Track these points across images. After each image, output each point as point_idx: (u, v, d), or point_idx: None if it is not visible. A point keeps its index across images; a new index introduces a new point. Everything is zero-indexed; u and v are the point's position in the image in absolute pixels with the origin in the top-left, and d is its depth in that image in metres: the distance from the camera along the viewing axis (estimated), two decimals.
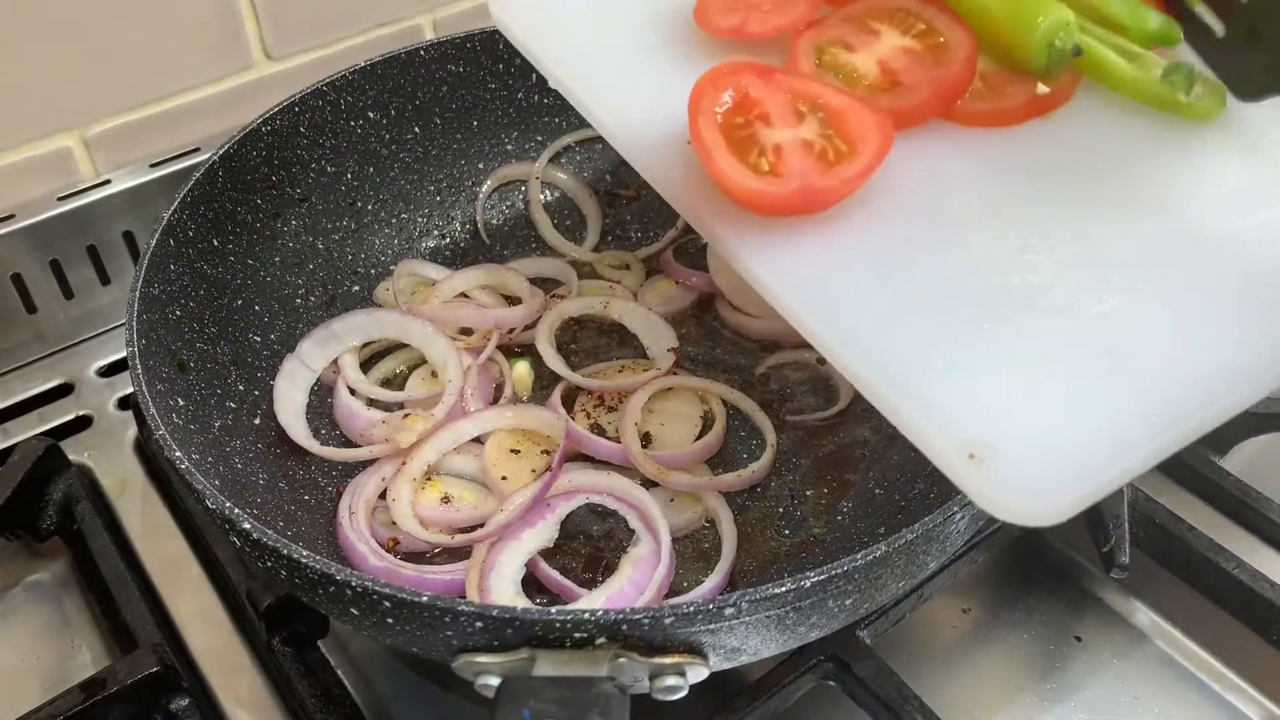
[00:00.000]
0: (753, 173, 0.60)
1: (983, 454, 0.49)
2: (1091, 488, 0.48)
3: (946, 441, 0.50)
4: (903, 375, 0.53)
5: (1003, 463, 0.49)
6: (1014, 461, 0.49)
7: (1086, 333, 0.54)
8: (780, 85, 0.63)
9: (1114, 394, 0.51)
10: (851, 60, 0.66)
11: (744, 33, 0.69)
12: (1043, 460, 0.49)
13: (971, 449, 0.49)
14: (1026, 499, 0.48)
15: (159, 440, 0.63)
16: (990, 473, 0.49)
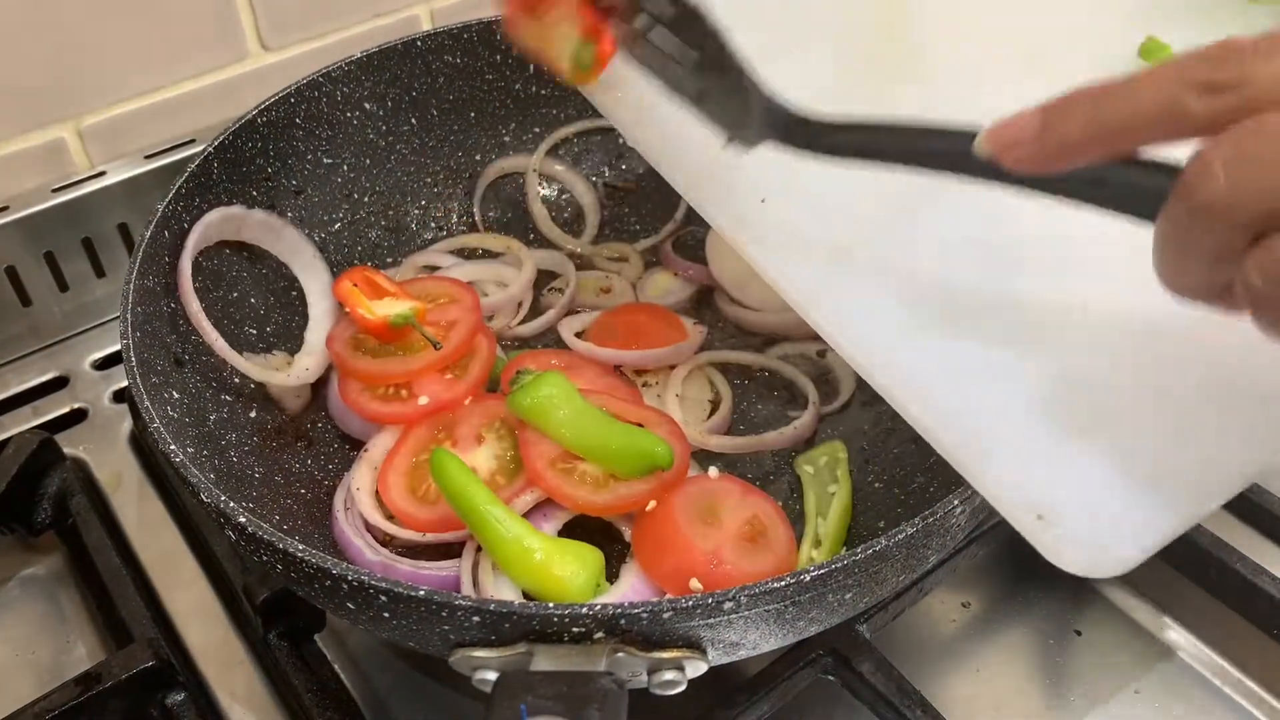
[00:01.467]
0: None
1: (1049, 515, 0.51)
2: (1156, 537, 0.50)
3: (1013, 505, 0.52)
4: (967, 432, 0.55)
5: (1069, 521, 0.51)
6: (1083, 518, 0.51)
7: (1138, 384, 0.55)
8: None
9: (1166, 445, 0.53)
10: None
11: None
12: (1109, 516, 0.51)
13: (1039, 511, 0.51)
14: (1096, 554, 0.50)
15: (153, 434, 0.63)
16: (1058, 530, 0.51)
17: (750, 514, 0.71)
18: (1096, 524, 0.51)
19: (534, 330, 0.89)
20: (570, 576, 0.64)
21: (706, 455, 0.80)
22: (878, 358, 0.59)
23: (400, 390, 0.79)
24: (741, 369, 0.86)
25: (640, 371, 0.85)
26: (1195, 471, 0.52)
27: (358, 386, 0.80)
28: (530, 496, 0.71)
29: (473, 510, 0.65)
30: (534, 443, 0.72)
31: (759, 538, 0.70)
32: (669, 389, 0.82)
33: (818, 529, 0.73)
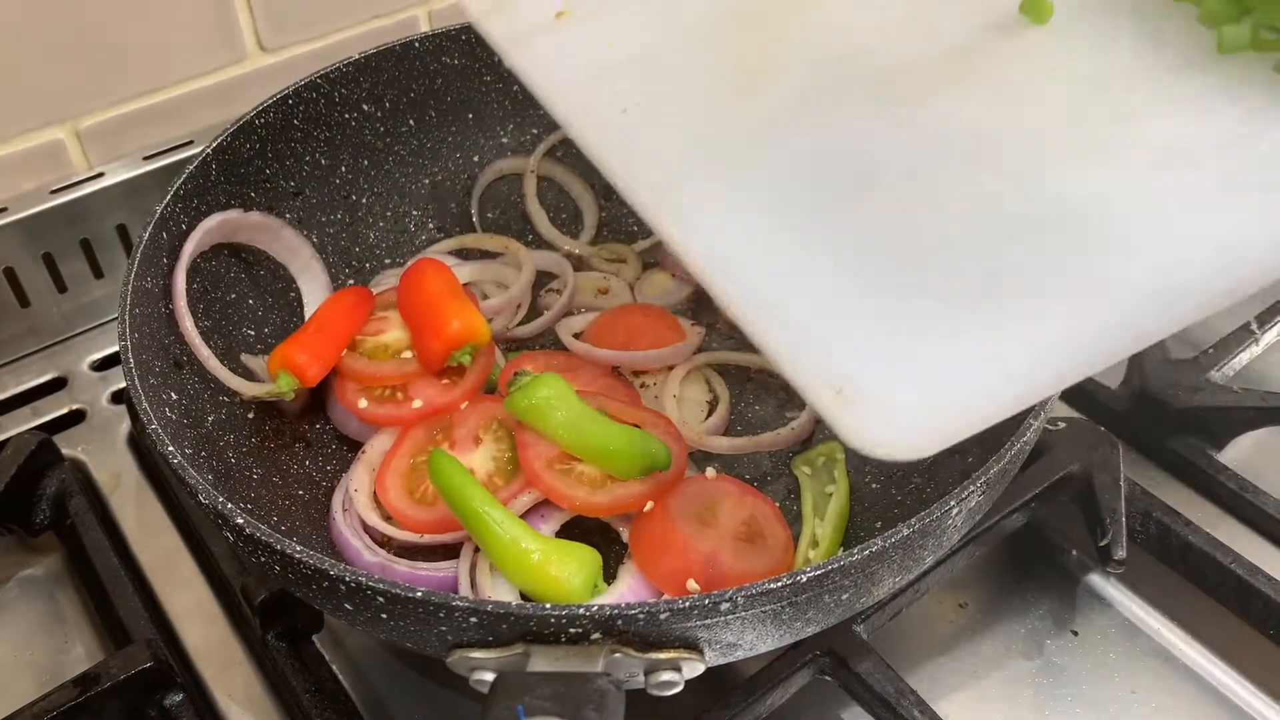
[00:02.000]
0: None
1: (849, 389, 0.50)
2: (957, 426, 0.49)
3: (814, 375, 0.51)
4: (772, 304, 0.54)
5: (867, 398, 0.49)
6: (879, 397, 0.49)
7: (968, 288, 0.54)
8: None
9: (984, 341, 0.52)
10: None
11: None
12: (909, 398, 0.50)
13: (838, 384, 0.50)
14: (885, 435, 0.48)
15: (152, 435, 0.63)
16: (855, 407, 0.49)
17: (747, 515, 0.71)
18: (902, 401, 0.49)
19: (532, 331, 0.90)
20: (568, 577, 0.64)
21: (704, 456, 0.80)
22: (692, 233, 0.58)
23: (396, 392, 0.79)
24: (739, 370, 0.87)
25: (638, 372, 0.85)
26: (1011, 360, 0.51)
27: (354, 388, 0.80)
28: (528, 498, 0.72)
29: (470, 511, 0.65)
30: (531, 444, 0.72)
31: (756, 538, 0.70)
32: (667, 390, 0.83)
33: (815, 529, 0.74)
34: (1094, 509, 0.76)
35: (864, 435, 0.48)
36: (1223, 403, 0.83)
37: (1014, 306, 0.53)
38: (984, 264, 0.55)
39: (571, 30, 0.70)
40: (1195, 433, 0.84)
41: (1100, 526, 0.75)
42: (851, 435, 0.49)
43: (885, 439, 0.48)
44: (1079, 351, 0.52)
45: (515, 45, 0.70)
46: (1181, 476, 0.83)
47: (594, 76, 0.67)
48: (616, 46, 0.69)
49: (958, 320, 0.53)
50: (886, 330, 0.53)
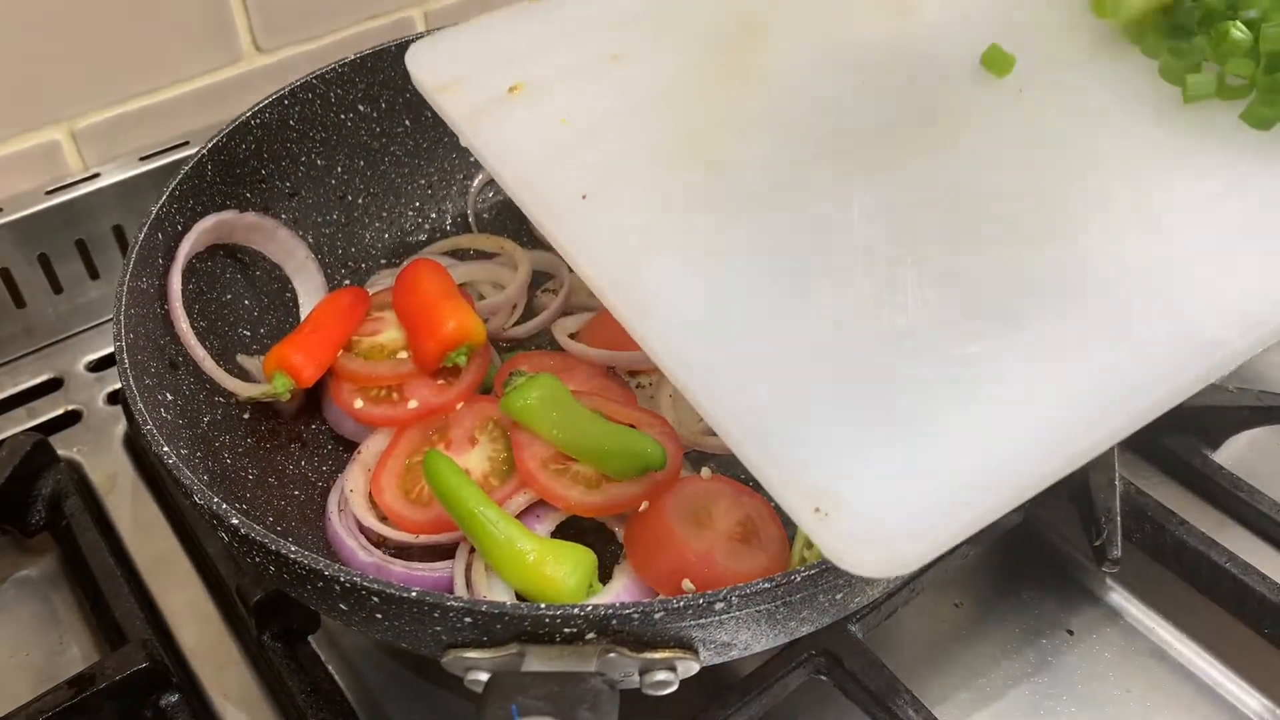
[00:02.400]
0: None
1: (829, 508, 0.48)
2: (940, 540, 0.47)
3: (794, 494, 0.49)
4: (751, 421, 0.52)
5: (848, 517, 0.47)
6: (858, 516, 0.47)
7: (945, 378, 0.53)
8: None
9: (965, 443, 0.50)
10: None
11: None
12: (890, 514, 0.48)
13: (818, 503, 0.48)
14: (873, 554, 0.47)
15: (147, 435, 0.63)
16: (835, 527, 0.47)
17: (743, 514, 0.71)
18: (883, 518, 0.47)
19: (528, 331, 0.90)
20: (563, 577, 0.64)
21: (700, 456, 0.80)
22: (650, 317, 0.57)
23: (391, 393, 0.79)
24: None
25: (634, 372, 0.85)
26: (995, 466, 0.49)
27: (349, 389, 0.80)
28: (523, 498, 0.72)
29: (465, 512, 0.65)
30: (527, 444, 0.72)
31: (751, 538, 0.70)
32: (662, 390, 0.82)
33: None
34: (1089, 508, 0.76)
35: (847, 556, 0.47)
36: (1218, 402, 0.83)
37: (996, 395, 0.52)
38: (962, 349, 0.54)
39: (525, 106, 0.69)
40: (1190, 432, 0.84)
41: (1095, 525, 0.75)
42: (834, 556, 0.47)
43: (869, 560, 0.47)
44: (1069, 440, 0.50)
45: (471, 123, 0.69)
46: (1177, 476, 0.83)
47: (551, 158, 0.66)
48: (571, 122, 0.68)
49: (938, 417, 0.51)
50: (866, 438, 0.51)
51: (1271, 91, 0.62)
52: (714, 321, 0.56)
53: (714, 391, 0.53)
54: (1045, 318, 0.55)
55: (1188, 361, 0.53)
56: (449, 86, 0.71)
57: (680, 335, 0.56)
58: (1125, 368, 0.53)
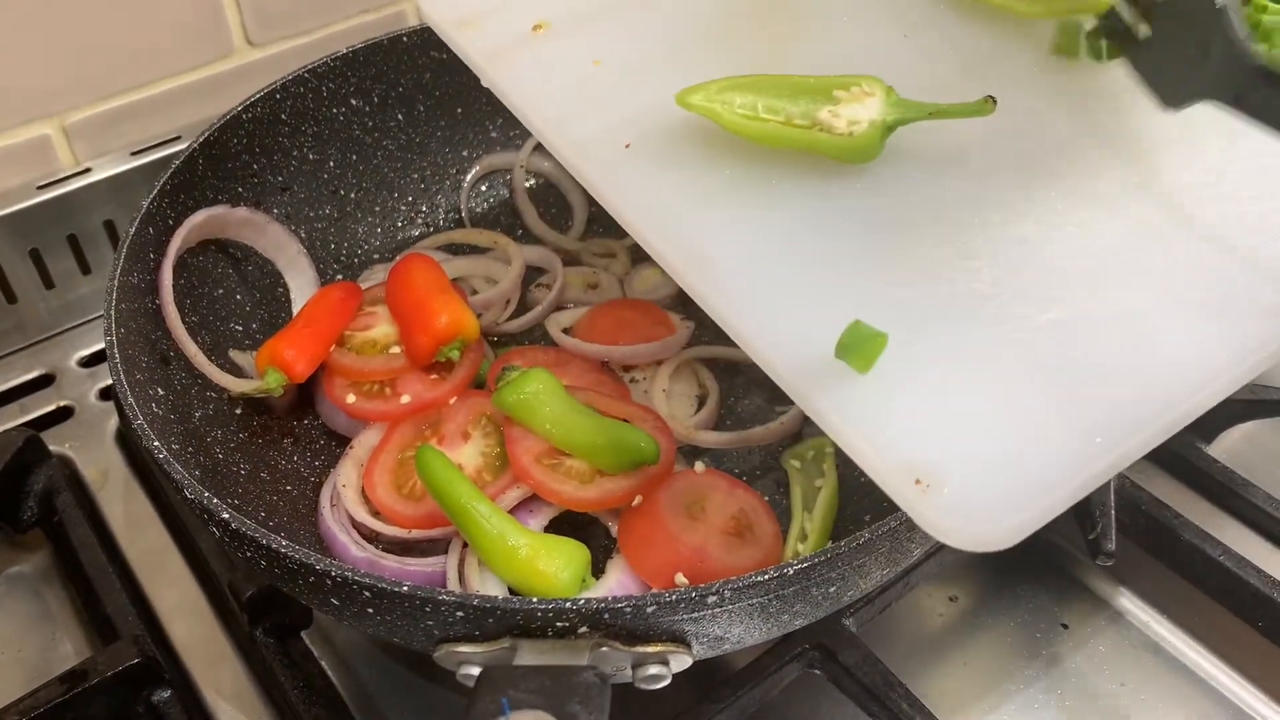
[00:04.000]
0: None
1: (929, 479, 0.47)
2: (1039, 511, 0.47)
3: (891, 468, 0.48)
4: (844, 395, 0.50)
5: (950, 489, 0.46)
6: (961, 487, 0.47)
7: (1030, 345, 0.51)
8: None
9: (1059, 412, 0.49)
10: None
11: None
12: (989, 485, 0.47)
13: (918, 475, 0.47)
14: (975, 526, 0.46)
15: (137, 430, 0.63)
16: (937, 500, 0.46)
17: (736, 509, 0.71)
18: (985, 490, 0.46)
19: (521, 326, 0.89)
20: (555, 572, 0.64)
21: (693, 450, 0.80)
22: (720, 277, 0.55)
23: (384, 388, 0.79)
24: (728, 364, 0.86)
25: (627, 367, 0.85)
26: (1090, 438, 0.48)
27: (342, 383, 0.80)
28: (516, 493, 0.71)
29: (457, 506, 0.65)
30: (520, 439, 0.72)
31: (745, 532, 0.70)
32: (656, 384, 0.82)
33: (804, 523, 0.73)
34: (1084, 502, 0.75)
35: (951, 530, 0.46)
36: None
37: (1083, 362, 0.51)
38: (1043, 315, 0.52)
39: (553, 46, 0.66)
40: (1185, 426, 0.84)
41: (1090, 520, 0.74)
42: (937, 530, 0.46)
43: (973, 532, 0.46)
44: (1166, 408, 0.50)
45: (492, 63, 0.65)
46: (1171, 469, 0.83)
47: (589, 103, 0.62)
48: (604, 64, 0.64)
49: (1033, 400, 0.50)
50: (963, 408, 0.49)
51: None
52: (785, 281, 0.54)
53: (792, 359, 0.51)
54: (1129, 287, 0.53)
55: (1260, 340, 0.52)
56: (467, 22, 0.67)
57: (750, 296, 0.53)
58: (1214, 340, 0.51)
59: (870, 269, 0.55)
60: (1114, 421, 0.49)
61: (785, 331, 0.52)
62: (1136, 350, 0.51)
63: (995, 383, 0.50)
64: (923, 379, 0.50)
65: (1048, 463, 0.48)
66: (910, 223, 0.56)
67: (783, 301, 0.53)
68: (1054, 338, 0.52)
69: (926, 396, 0.50)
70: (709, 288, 0.54)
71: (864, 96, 0.55)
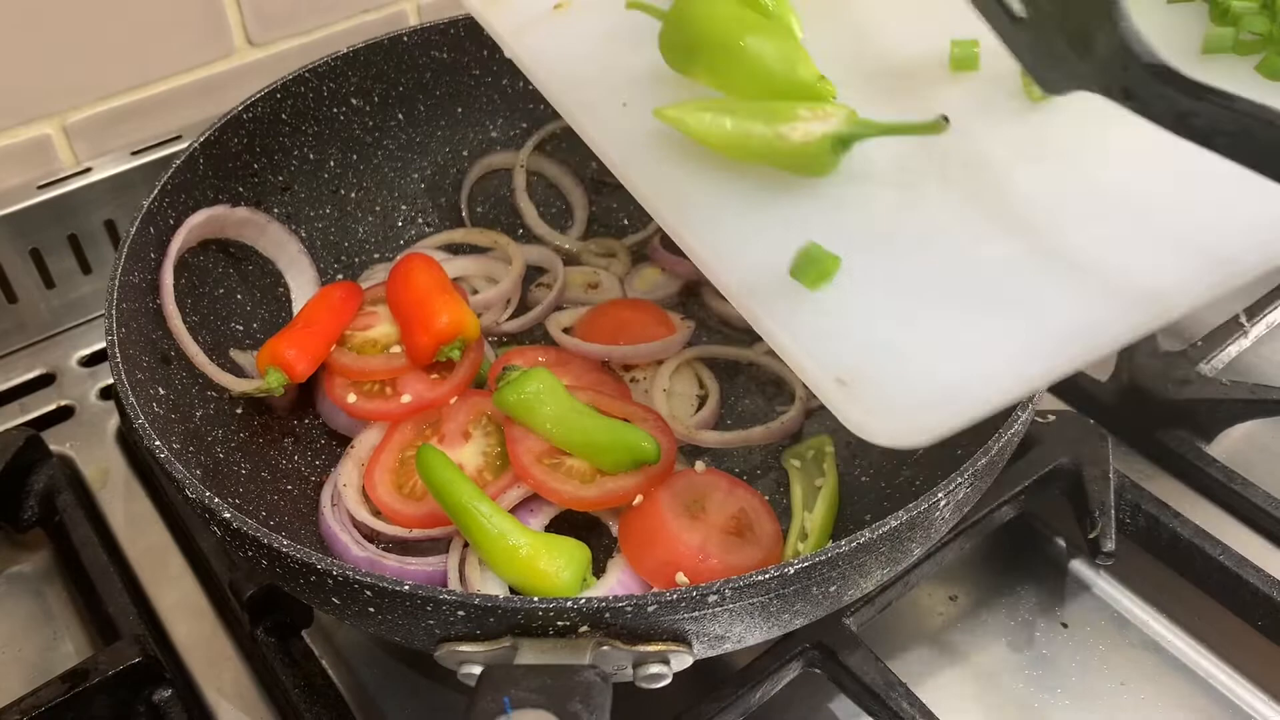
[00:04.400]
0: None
1: (852, 381, 0.52)
2: (948, 414, 0.51)
3: (821, 371, 0.53)
4: (781, 301, 0.56)
5: (870, 390, 0.51)
6: (879, 389, 0.52)
7: (959, 277, 0.56)
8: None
9: (980, 333, 0.54)
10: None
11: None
12: (905, 389, 0.52)
13: (842, 376, 0.52)
14: (889, 423, 0.51)
15: (138, 429, 0.63)
16: (858, 398, 0.52)
17: (737, 508, 0.71)
18: (902, 391, 0.51)
19: (522, 326, 0.89)
20: (556, 571, 0.64)
21: (694, 450, 0.80)
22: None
23: (385, 387, 0.79)
24: (729, 364, 0.86)
25: (628, 367, 0.85)
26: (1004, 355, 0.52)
27: (343, 383, 0.80)
28: (517, 492, 0.71)
29: (458, 506, 0.65)
30: (520, 439, 0.72)
31: (745, 531, 0.70)
32: (656, 384, 0.82)
33: (804, 522, 0.74)
34: (1083, 501, 0.76)
35: (864, 424, 0.51)
36: (1212, 395, 0.83)
37: (1011, 294, 0.55)
38: (981, 251, 0.57)
39: (571, 22, 0.72)
40: (1184, 425, 0.84)
41: (1089, 519, 0.75)
42: (851, 423, 0.51)
43: (883, 429, 0.50)
44: (1067, 348, 0.53)
45: (515, 36, 0.73)
46: (1170, 469, 0.83)
47: (596, 70, 0.69)
48: (615, 38, 0.71)
49: (955, 318, 0.54)
50: (889, 326, 0.54)
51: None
52: (747, 217, 0.60)
53: (736, 262, 0.58)
54: (1063, 229, 0.57)
55: (1199, 274, 0.54)
56: (494, 2, 0.76)
57: (715, 230, 0.60)
58: (1139, 276, 0.54)
59: (824, 207, 0.61)
60: (1019, 352, 0.53)
61: (739, 254, 0.59)
62: (1056, 285, 0.55)
63: (922, 307, 0.55)
64: (857, 299, 0.56)
65: (959, 376, 0.52)
66: (869, 176, 0.62)
67: (742, 227, 0.60)
68: (982, 273, 0.56)
69: (859, 313, 0.55)
70: (679, 218, 0.62)
71: (827, 116, 0.60)
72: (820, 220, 0.59)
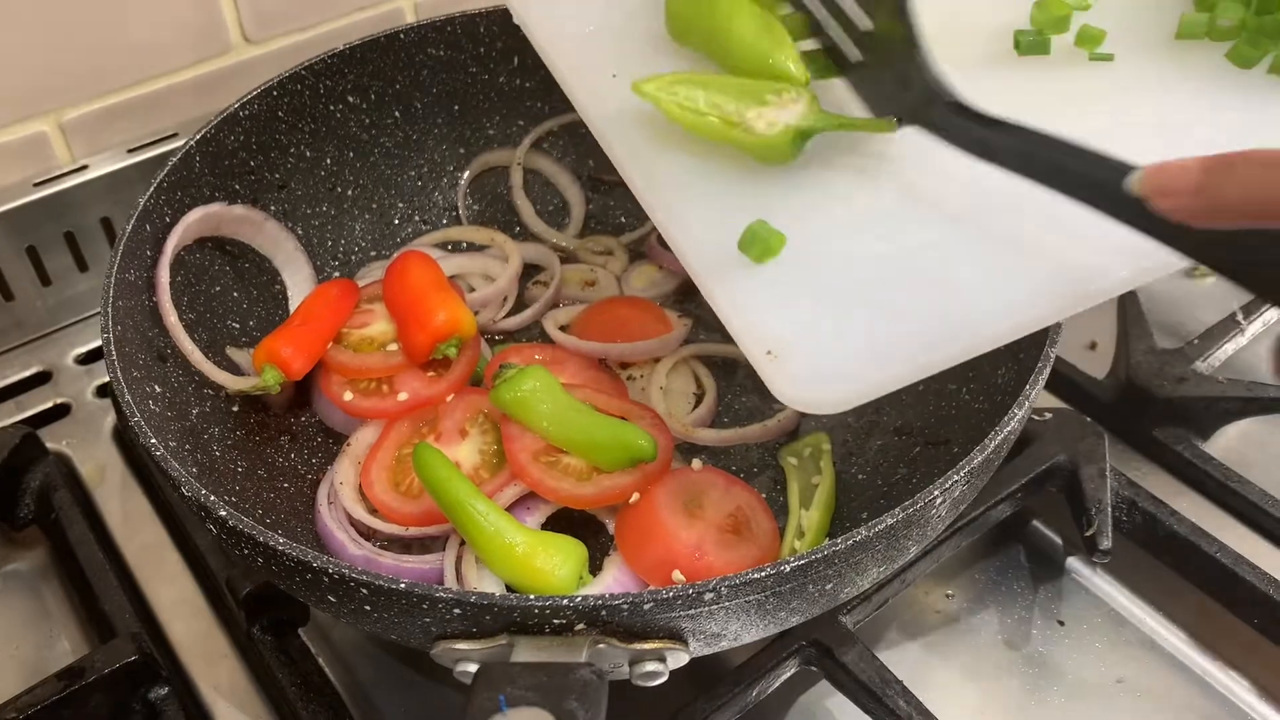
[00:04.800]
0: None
1: (780, 352, 0.57)
2: (865, 385, 0.56)
3: (754, 342, 0.58)
4: (729, 274, 0.61)
5: (795, 361, 0.57)
6: (804, 360, 0.57)
7: (887, 261, 0.61)
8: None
9: (896, 315, 0.58)
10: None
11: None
12: (827, 362, 0.57)
13: (771, 348, 0.57)
14: (811, 391, 0.56)
15: (134, 427, 0.63)
16: (784, 368, 0.57)
17: (733, 506, 0.71)
18: (822, 364, 0.57)
19: (519, 324, 0.89)
20: (553, 569, 0.64)
21: (691, 448, 0.80)
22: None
23: (381, 385, 0.79)
24: (726, 362, 0.86)
25: (625, 364, 0.85)
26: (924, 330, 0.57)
27: (339, 381, 0.80)
28: (514, 490, 0.71)
29: (455, 504, 0.65)
30: (517, 436, 0.72)
31: (742, 529, 0.70)
32: (653, 382, 0.82)
33: (801, 520, 0.74)
34: (1080, 499, 0.76)
35: (789, 392, 0.57)
36: (1208, 393, 0.83)
37: (930, 278, 0.59)
38: (914, 238, 0.61)
39: None
40: (1181, 423, 0.84)
41: (1086, 517, 0.75)
42: (779, 393, 0.57)
43: (802, 397, 0.57)
44: (988, 325, 0.58)
45: (523, 3, 0.78)
46: (1167, 467, 0.83)
47: (594, 37, 0.74)
48: (620, 5, 0.75)
49: (880, 297, 0.59)
50: (818, 303, 0.59)
51: (1259, 34, 0.66)
52: (707, 196, 0.65)
53: (695, 241, 0.63)
54: (992, 214, 0.61)
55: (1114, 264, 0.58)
56: None
57: (679, 201, 0.65)
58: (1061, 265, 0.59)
59: (783, 188, 0.65)
60: (932, 332, 0.58)
61: (699, 227, 0.64)
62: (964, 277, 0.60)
63: (852, 286, 0.60)
64: (794, 277, 0.61)
65: (878, 351, 0.58)
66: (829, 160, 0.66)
67: (706, 201, 0.65)
68: (914, 257, 0.61)
69: (792, 290, 0.60)
70: (649, 187, 0.66)
71: (790, 103, 0.64)
72: (777, 199, 0.64)
